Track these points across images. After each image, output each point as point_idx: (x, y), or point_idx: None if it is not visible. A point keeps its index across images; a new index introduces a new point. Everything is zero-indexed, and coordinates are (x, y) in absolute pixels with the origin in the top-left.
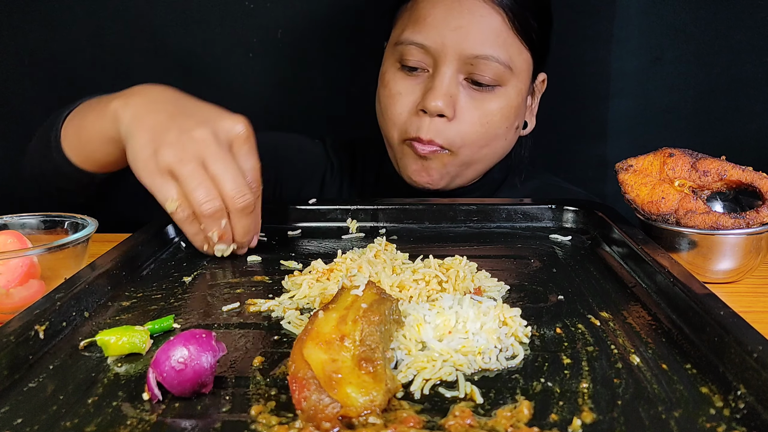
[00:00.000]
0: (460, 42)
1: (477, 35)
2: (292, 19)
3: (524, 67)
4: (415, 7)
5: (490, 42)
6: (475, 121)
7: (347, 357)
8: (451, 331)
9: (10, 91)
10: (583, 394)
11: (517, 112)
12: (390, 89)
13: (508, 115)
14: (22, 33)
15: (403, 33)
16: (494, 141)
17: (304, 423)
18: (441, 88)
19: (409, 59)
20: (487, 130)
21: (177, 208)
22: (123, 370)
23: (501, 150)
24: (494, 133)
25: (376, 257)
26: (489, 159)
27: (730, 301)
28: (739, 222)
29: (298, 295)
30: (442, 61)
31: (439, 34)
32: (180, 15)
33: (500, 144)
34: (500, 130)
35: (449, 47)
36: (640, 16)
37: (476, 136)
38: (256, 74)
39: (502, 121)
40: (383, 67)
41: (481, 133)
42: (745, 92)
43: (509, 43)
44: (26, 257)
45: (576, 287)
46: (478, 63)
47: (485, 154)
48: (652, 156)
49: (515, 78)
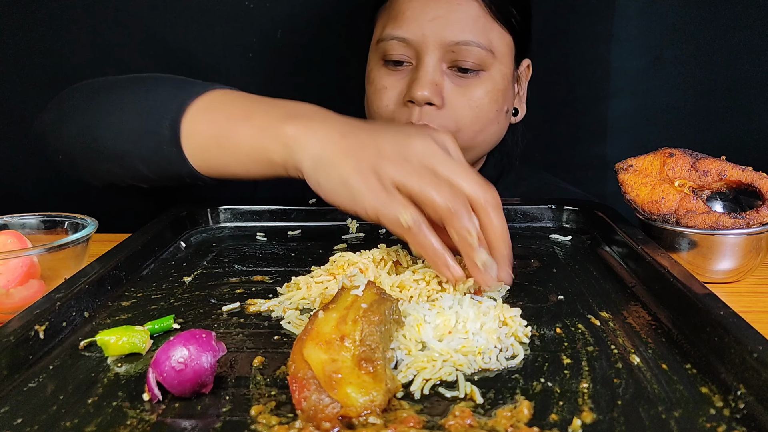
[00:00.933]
0: (439, 31)
1: (456, 23)
2: (291, 20)
3: (506, 50)
4: (393, 4)
5: (469, 28)
6: (464, 106)
7: (347, 357)
8: (451, 331)
9: (10, 91)
10: (583, 394)
11: (504, 96)
12: (375, 85)
13: (496, 98)
14: (22, 33)
15: (384, 30)
16: (488, 125)
17: (304, 423)
18: (426, 77)
19: (392, 54)
20: (479, 115)
21: (415, 219)
22: (123, 370)
23: (495, 135)
24: (486, 117)
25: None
26: (485, 144)
27: (730, 301)
28: (739, 222)
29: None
30: (425, 52)
31: (418, 26)
32: (180, 15)
33: (494, 128)
34: (491, 113)
35: (429, 37)
36: (640, 16)
37: (469, 121)
38: (256, 74)
39: (491, 104)
40: (368, 67)
41: (472, 117)
42: (744, 92)
43: (488, 28)
44: (26, 257)
45: (576, 287)
46: (459, 49)
47: (481, 140)
48: (652, 156)
49: (498, 62)
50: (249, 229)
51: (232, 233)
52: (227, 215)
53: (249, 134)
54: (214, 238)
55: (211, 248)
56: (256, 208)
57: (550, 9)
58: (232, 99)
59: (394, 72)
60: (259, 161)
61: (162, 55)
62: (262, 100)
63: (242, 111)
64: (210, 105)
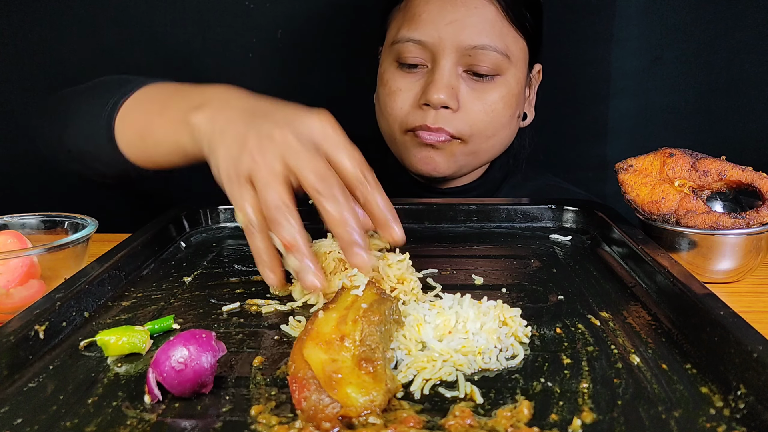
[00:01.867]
0: (456, 34)
1: (473, 26)
2: (291, 19)
3: (521, 55)
4: (408, 6)
5: (486, 32)
6: (479, 110)
7: (347, 357)
8: (451, 331)
9: (9, 91)
10: (583, 394)
11: (518, 101)
12: (390, 87)
13: (510, 104)
14: (22, 33)
15: (399, 32)
16: (501, 130)
17: (304, 423)
18: (442, 80)
19: (407, 56)
20: (493, 119)
21: (246, 223)
22: (123, 370)
23: (506, 140)
24: (500, 122)
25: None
26: (496, 149)
27: (730, 301)
28: (739, 222)
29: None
30: (441, 55)
31: (435, 28)
32: (179, 15)
33: (506, 133)
34: (504, 118)
35: (446, 40)
36: (640, 16)
37: (483, 125)
38: (256, 74)
39: (506, 109)
40: (381, 68)
41: (487, 122)
42: (745, 92)
43: (505, 33)
44: (26, 257)
45: (576, 287)
46: (476, 53)
47: (493, 144)
48: (652, 156)
49: (513, 67)
50: None
51: (232, 233)
52: (227, 215)
53: (163, 127)
54: (214, 238)
55: (211, 248)
56: None
57: (550, 9)
58: (156, 93)
59: (409, 74)
60: (177, 152)
61: (162, 55)
62: (180, 91)
63: (159, 105)
64: (136, 102)
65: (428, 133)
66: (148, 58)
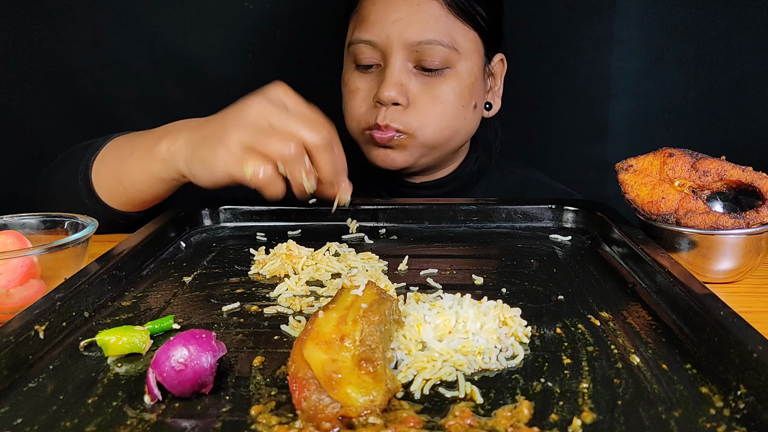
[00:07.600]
0: (402, 32)
1: (417, 23)
2: (290, 20)
3: (472, 47)
4: (360, 9)
5: (431, 27)
6: (429, 103)
7: (347, 357)
8: (451, 331)
9: (9, 91)
10: (583, 394)
11: (471, 91)
12: (349, 87)
13: (462, 95)
14: (22, 33)
15: (353, 34)
16: (454, 121)
17: (304, 423)
18: (392, 78)
19: (361, 57)
20: (444, 111)
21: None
22: (123, 370)
23: (464, 130)
24: (452, 114)
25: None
26: (454, 140)
27: (730, 301)
28: (739, 222)
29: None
30: (390, 53)
31: (382, 28)
32: (179, 16)
33: (461, 123)
34: (457, 109)
35: (393, 38)
36: (641, 17)
37: (432, 117)
38: (255, 75)
39: (457, 100)
40: (343, 70)
41: (437, 114)
42: (745, 92)
43: (450, 26)
44: (26, 257)
45: (576, 287)
46: (423, 49)
47: (448, 135)
48: (652, 156)
49: (464, 59)
50: (249, 229)
51: (232, 233)
52: (227, 215)
53: (136, 165)
54: (214, 238)
55: (211, 248)
56: (256, 208)
57: (550, 9)
58: (123, 141)
59: (365, 74)
60: (154, 183)
61: (162, 55)
62: (144, 133)
63: (128, 149)
64: (107, 153)
65: (379, 133)
66: (148, 58)
